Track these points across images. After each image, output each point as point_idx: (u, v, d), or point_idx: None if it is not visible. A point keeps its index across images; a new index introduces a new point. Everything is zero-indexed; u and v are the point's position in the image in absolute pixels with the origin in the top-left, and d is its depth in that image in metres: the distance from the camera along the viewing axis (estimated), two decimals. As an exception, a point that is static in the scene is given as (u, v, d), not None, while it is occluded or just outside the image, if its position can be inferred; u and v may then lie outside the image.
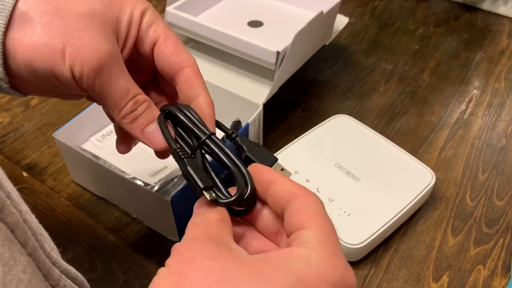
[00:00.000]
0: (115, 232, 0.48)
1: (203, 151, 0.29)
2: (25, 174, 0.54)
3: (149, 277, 0.35)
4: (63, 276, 0.25)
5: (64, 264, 0.26)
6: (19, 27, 0.26)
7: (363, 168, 0.50)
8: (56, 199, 0.51)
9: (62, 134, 0.49)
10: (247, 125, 0.49)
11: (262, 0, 0.67)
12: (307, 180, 0.49)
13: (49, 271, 0.24)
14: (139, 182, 0.48)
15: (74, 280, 0.26)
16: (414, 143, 0.59)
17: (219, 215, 0.25)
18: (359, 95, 0.66)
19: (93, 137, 0.53)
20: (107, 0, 0.28)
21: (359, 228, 0.45)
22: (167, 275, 0.21)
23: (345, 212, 0.46)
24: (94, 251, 0.46)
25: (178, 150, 0.28)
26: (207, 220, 0.25)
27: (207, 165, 0.28)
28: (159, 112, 0.31)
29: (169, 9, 0.57)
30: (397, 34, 0.78)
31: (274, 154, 0.52)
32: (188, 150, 0.29)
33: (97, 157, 0.51)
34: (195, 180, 0.26)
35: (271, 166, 0.29)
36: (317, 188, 0.48)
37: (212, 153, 0.29)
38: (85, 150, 0.52)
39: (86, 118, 0.52)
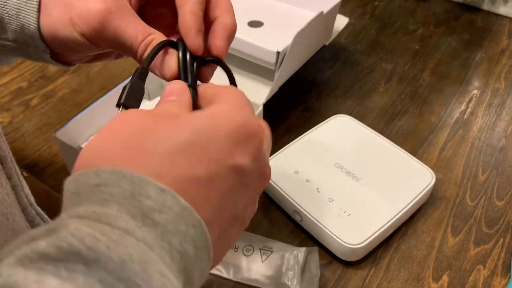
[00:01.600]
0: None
1: None
2: (25, 174, 0.54)
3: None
4: (38, 217, 0.29)
5: (39, 209, 0.29)
6: (42, 8, 0.30)
7: (363, 168, 0.50)
8: (56, 198, 0.51)
9: (62, 134, 0.49)
10: None
11: (261, 0, 0.67)
12: (307, 180, 0.49)
13: (26, 207, 0.29)
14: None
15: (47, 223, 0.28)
16: (414, 143, 0.59)
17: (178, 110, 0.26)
18: (359, 95, 0.66)
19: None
20: None
21: (359, 228, 0.45)
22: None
23: (345, 212, 0.46)
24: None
25: (139, 70, 0.28)
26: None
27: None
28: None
29: None
30: (397, 34, 0.78)
31: (274, 154, 0.53)
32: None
33: None
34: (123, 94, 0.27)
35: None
36: (317, 188, 0.48)
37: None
38: None
39: (86, 118, 0.52)
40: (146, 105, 0.52)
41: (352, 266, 0.46)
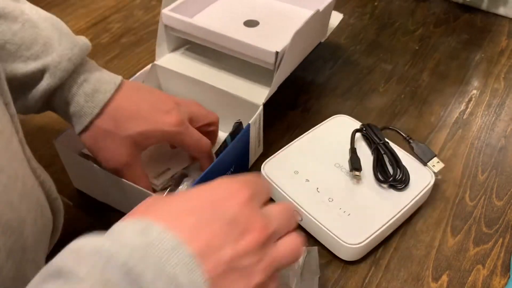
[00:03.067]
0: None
1: None
2: (25, 174, 0.54)
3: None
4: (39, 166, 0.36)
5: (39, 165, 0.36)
6: (88, 131, 0.43)
7: (363, 168, 0.50)
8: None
9: (63, 140, 0.48)
10: (249, 125, 0.49)
11: None
12: (307, 180, 0.49)
13: (30, 160, 0.35)
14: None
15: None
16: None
17: None
18: (359, 95, 0.66)
19: None
20: (146, 130, 0.43)
21: (359, 228, 0.45)
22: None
23: (344, 212, 0.47)
24: (95, 251, 0.46)
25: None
26: None
27: None
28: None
29: (165, 11, 0.56)
30: (396, 34, 0.79)
31: (274, 154, 0.53)
32: None
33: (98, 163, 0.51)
34: None
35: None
36: (317, 188, 0.49)
37: None
38: (87, 155, 0.52)
39: None
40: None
41: (352, 265, 0.46)
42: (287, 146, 0.53)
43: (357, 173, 0.49)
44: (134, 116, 0.43)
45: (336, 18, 0.67)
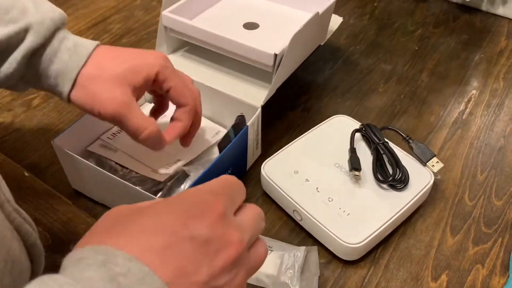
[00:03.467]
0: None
1: None
2: (26, 173, 0.54)
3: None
4: (15, 213, 0.31)
5: (16, 205, 0.32)
6: (76, 86, 0.43)
7: (362, 168, 0.50)
8: (57, 198, 0.51)
9: (61, 140, 0.48)
10: (247, 127, 0.49)
11: (256, 2, 0.67)
12: (307, 180, 0.50)
13: (3, 204, 0.31)
14: (141, 188, 0.48)
15: (25, 219, 0.32)
16: (413, 143, 0.59)
17: None
18: (359, 95, 0.67)
19: (104, 135, 0.54)
20: (133, 65, 0.43)
21: (359, 228, 0.45)
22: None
23: (344, 211, 0.47)
24: (95, 250, 0.46)
25: None
26: None
27: None
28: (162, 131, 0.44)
29: (165, 13, 0.57)
30: (396, 34, 0.79)
31: (274, 154, 0.53)
32: None
33: (101, 162, 0.51)
34: None
35: None
36: (317, 188, 0.49)
37: None
38: (91, 153, 0.52)
39: (85, 124, 0.51)
40: (148, 108, 0.52)
41: (352, 265, 0.47)
42: (287, 146, 0.54)
43: (356, 173, 0.49)
44: (118, 56, 0.43)
45: (335, 21, 0.67)
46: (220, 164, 0.47)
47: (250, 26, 0.62)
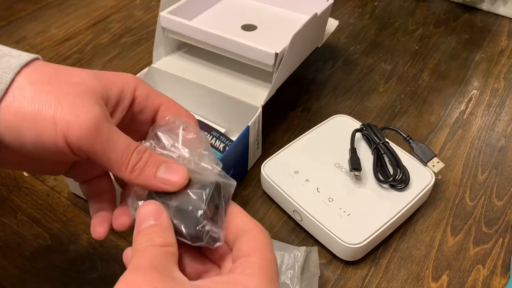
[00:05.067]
0: (116, 232, 0.48)
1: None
2: (25, 174, 0.54)
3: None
4: None
5: None
6: (9, 94, 0.25)
7: (363, 168, 0.50)
8: (56, 198, 0.51)
9: None
10: (248, 128, 0.49)
11: (254, 4, 0.67)
12: (307, 180, 0.49)
13: None
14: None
15: None
16: (413, 143, 0.59)
17: (164, 240, 0.26)
18: (359, 95, 0.66)
19: None
20: (99, 75, 0.29)
21: (359, 228, 0.45)
22: None
23: (344, 212, 0.47)
24: (95, 251, 0.46)
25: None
26: (152, 244, 0.26)
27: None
28: (159, 156, 0.30)
29: (163, 14, 0.56)
30: (396, 34, 0.79)
31: (274, 154, 0.53)
32: None
33: None
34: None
35: None
36: (317, 188, 0.49)
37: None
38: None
39: None
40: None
41: (352, 265, 0.46)
42: (287, 146, 0.53)
43: (357, 173, 0.49)
44: (77, 69, 0.29)
45: (332, 24, 0.67)
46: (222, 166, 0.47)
47: (248, 28, 0.62)
